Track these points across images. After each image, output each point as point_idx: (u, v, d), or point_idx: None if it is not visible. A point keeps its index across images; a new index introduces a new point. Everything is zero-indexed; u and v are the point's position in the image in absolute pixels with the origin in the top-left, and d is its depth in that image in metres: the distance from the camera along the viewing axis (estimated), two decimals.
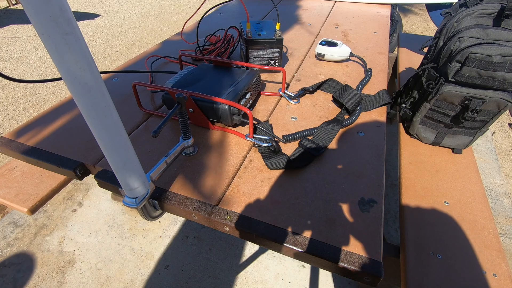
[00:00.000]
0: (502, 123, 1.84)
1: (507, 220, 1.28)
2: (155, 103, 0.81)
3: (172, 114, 0.55)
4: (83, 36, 0.32)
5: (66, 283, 1.07)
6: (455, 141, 0.74)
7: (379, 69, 0.96)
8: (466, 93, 0.64)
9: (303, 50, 1.08)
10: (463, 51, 0.60)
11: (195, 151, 0.65)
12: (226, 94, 0.68)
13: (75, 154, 0.65)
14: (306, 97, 0.83)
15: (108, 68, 2.39)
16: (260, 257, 1.15)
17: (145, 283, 1.07)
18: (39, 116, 0.76)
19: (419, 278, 0.51)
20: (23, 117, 1.86)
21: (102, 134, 0.40)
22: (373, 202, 0.55)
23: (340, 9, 1.47)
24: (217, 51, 0.98)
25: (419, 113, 0.74)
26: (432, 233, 0.58)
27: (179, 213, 0.56)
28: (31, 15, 0.28)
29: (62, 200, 1.36)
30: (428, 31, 3.01)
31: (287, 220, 0.52)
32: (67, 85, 0.34)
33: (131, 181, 0.47)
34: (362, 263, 0.46)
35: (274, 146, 0.63)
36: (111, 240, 1.21)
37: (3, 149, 0.68)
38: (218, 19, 1.35)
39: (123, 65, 0.99)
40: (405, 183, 0.68)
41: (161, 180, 0.59)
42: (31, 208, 0.63)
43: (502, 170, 1.51)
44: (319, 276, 1.09)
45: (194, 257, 1.14)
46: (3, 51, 2.57)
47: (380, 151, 0.66)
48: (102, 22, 3.25)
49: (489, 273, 0.52)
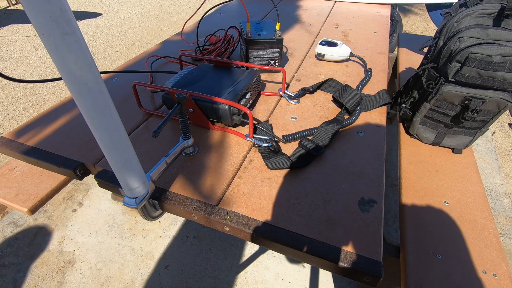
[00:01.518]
0: (502, 123, 1.84)
1: (507, 220, 1.28)
2: (155, 103, 0.81)
3: (172, 114, 0.55)
4: (83, 36, 0.32)
5: (66, 283, 1.07)
6: (455, 141, 0.74)
7: (379, 69, 0.96)
8: (466, 93, 0.64)
9: (303, 50, 1.08)
10: (463, 51, 0.60)
11: (195, 151, 0.65)
12: (226, 94, 0.68)
13: (75, 154, 0.65)
14: (306, 97, 0.83)
15: (108, 68, 2.39)
16: (260, 257, 1.15)
17: (145, 283, 1.07)
18: (39, 116, 0.76)
19: (419, 278, 0.51)
20: (23, 117, 1.86)
21: (102, 134, 0.40)
22: (373, 202, 0.55)
23: (340, 9, 1.47)
24: (217, 51, 0.98)
25: (419, 113, 0.74)
26: (432, 233, 0.58)
27: (179, 213, 0.56)
28: (31, 15, 0.28)
29: (62, 200, 1.36)
30: (428, 31, 3.01)
31: (287, 220, 0.52)
32: (67, 85, 0.34)
33: (131, 181, 0.47)
34: (362, 263, 0.46)
35: (274, 146, 0.63)
36: (111, 240, 1.21)
37: (3, 149, 0.68)
38: (218, 19, 1.35)
39: (123, 65, 0.99)
40: (405, 183, 0.68)
41: (161, 180, 0.59)
42: (31, 208, 0.63)
43: (502, 170, 1.51)
44: (319, 276, 1.09)
45: (194, 257, 1.14)
46: (3, 51, 2.57)
47: (380, 151, 0.66)
48: (102, 22, 3.25)
49: (489, 273, 0.52)
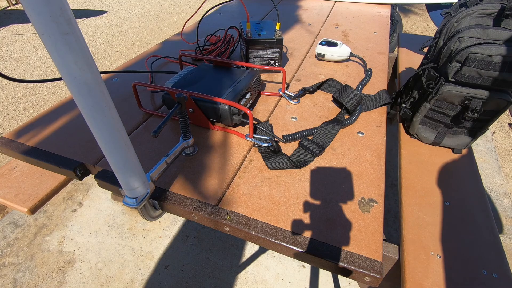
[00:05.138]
0: (502, 123, 1.84)
1: (507, 220, 1.28)
2: (155, 103, 0.81)
3: (172, 114, 0.55)
4: (83, 36, 0.32)
5: (66, 283, 1.07)
6: (455, 141, 0.74)
7: (379, 69, 0.96)
8: (466, 93, 0.64)
9: (303, 50, 1.08)
10: (463, 51, 0.60)
11: (195, 151, 0.65)
12: (226, 94, 0.68)
13: (75, 154, 0.65)
14: (306, 97, 0.83)
15: (108, 68, 2.39)
16: (260, 257, 1.15)
17: (145, 283, 1.07)
18: (39, 116, 0.76)
19: (419, 278, 0.51)
20: (23, 117, 1.86)
21: (102, 134, 0.40)
22: (373, 202, 0.55)
23: (340, 9, 1.47)
24: (217, 51, 0.98)
25: (419, 113, 0.74)
26: (432, 233, 0.58)
27: (179, 213, 0.56)
28: (31, 15, 0.28)
29: (62, 200, 1.36)
30: (428, 31, 3.01)
31: (287, 220, 0.52)
32: (67, 85, 0.34)
33: (131, 181, 0.47)
34: (362, 263, 0.46)
35: (274, 146, 0.63)
36: (111, 240, 1.21)
37: (3, 149, 0.68)
38: (218, 19, 1.35)
39: (123, 65, 0.99)
40: (405, 183, 0.68)
41: (161, 180, 0.59)
42: (31, 208, 0.63)
43: (502, 170, 1.51)
44: (319, 276, 1.09)
45: (194, 257, 1.14)
46: (3, 51, 2.57)
47: (380, 151, 0.66)
48: (102, 22, 3.25)
49: (489, 273, 0.52)
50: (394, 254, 0.57)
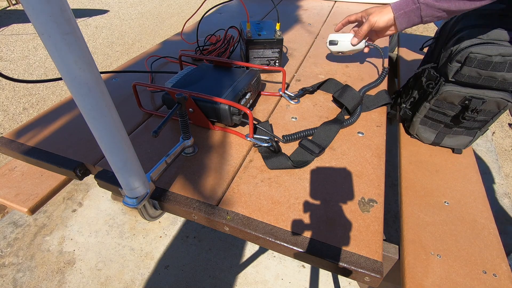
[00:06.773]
0: (502, 123, 1.84)
1: (507, 220, 1.28)
2: (155, 103, 0.81)
3: (172, 114, 0.55)
4: (83, 36, 0.32)
5: (66, 283, 1.07)
6: (455, 141, 0.74)
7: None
8: (466, 93, 0.64)
9: (303, 50, 1.08)
10: (463, 51, 0.60)
11: (195, 151, 0.65)
12: (226, 94, 0.68)
13: (75, 154, 0.65)
14: (306, 97, 0.83)
15: (108, 68, 2.39)
16: (260, 257, 1.15)
17: (145, 283, 1.07)
18: (39, 116, 0.76)
19: (419, 278, 0.51)
20: (23, 117, 1.86)
21: (102, 134, 0.40)
22: (373, 202, 0.55)
23: (340, 9, 1.47)
24: (217, 51, 0.98)
25: (419, 113, 0.74)
26: (432, 233, 0.58)
27: (179, 213, 0.56)
28: (31, 15, 0.28)
29: (62, 200, 1.36)
30: (428, 31, 3.00)
31: (287, 220, 0.52)
32: (67, 85, 0.34)
33: (131, 181, 0.47)
34: (362, 263, 0.46)
35: (274, 146, 0.63)
36: (111, 240, 1.21)
37: (3, 149, 0.68)
38: (218, 19, 1.35)
39: (123, 65, 0.99)
40: (405, 183, 0.68)
41: (161, 180, 0.59)
42: (31, 208, 0.63)
43: (502, 170, 1.51)
44: (319, 276, 1.09)
45: (194, 257, 1.14)
46: (3, 51, 2.57)
47: (380, 151, 0.66)
48: (102, 22, 3.25)
49: (489, 273, 0.52)
50: (394, 254, 0.57)
